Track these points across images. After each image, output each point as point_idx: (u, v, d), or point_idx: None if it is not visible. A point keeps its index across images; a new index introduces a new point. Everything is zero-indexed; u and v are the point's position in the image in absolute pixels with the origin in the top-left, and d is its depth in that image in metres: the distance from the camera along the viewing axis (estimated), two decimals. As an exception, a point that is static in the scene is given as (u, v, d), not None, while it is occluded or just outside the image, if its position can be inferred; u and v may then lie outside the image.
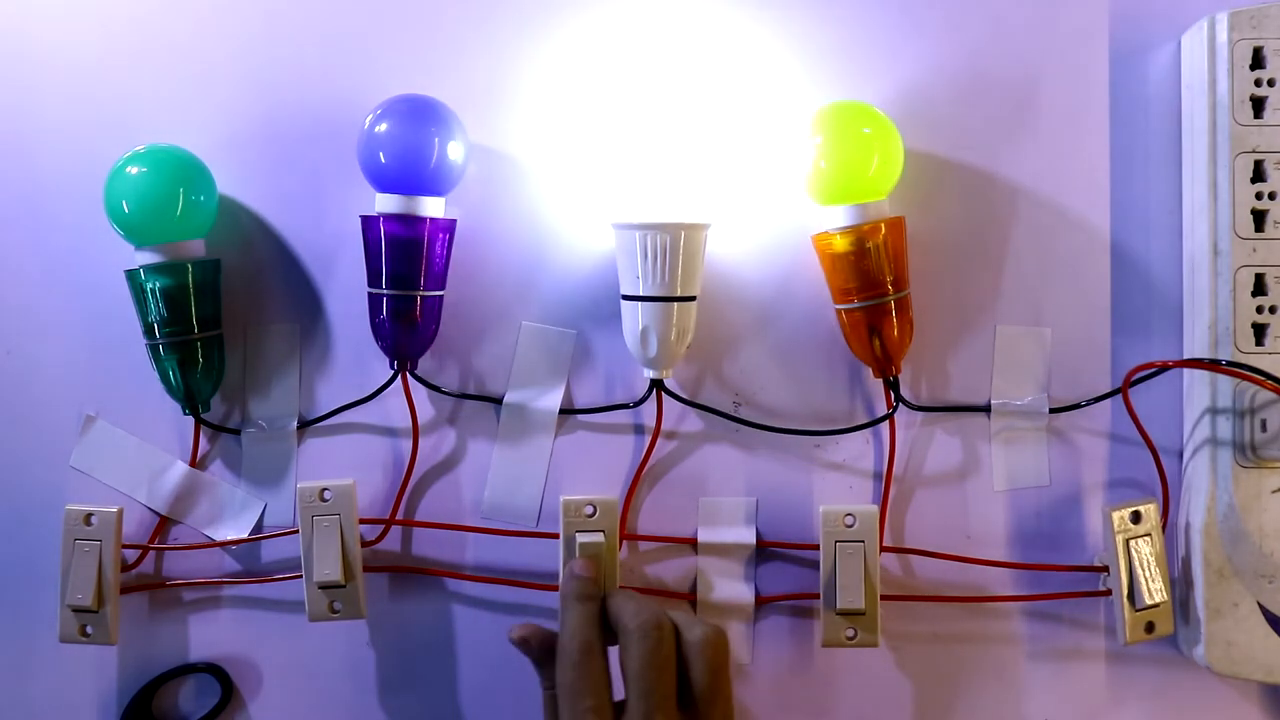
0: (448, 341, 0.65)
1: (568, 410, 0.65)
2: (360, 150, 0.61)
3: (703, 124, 0.62)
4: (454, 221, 0.63)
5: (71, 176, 0.65)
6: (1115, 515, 0.61)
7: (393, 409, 0.65)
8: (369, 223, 0.61)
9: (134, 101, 0.65)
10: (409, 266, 0.61)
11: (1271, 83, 0.61)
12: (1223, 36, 0.61)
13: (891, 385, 0.63)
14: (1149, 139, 0.65)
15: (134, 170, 0.61)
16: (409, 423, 0.64)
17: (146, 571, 0.65)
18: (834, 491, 0.65)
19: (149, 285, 0.61)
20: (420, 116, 0.61)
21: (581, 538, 0.61)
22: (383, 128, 0.61)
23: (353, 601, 0.62)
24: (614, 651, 0.57)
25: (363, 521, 0.63)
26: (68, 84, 0.65)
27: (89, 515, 0.62)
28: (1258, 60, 0.61)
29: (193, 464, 0.65)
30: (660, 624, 0.55)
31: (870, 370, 0.63)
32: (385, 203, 0.61)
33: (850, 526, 0.62)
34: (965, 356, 0.65)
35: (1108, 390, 0.64)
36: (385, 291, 0.61)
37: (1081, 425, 0.65)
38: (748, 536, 0.64)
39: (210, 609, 0.65)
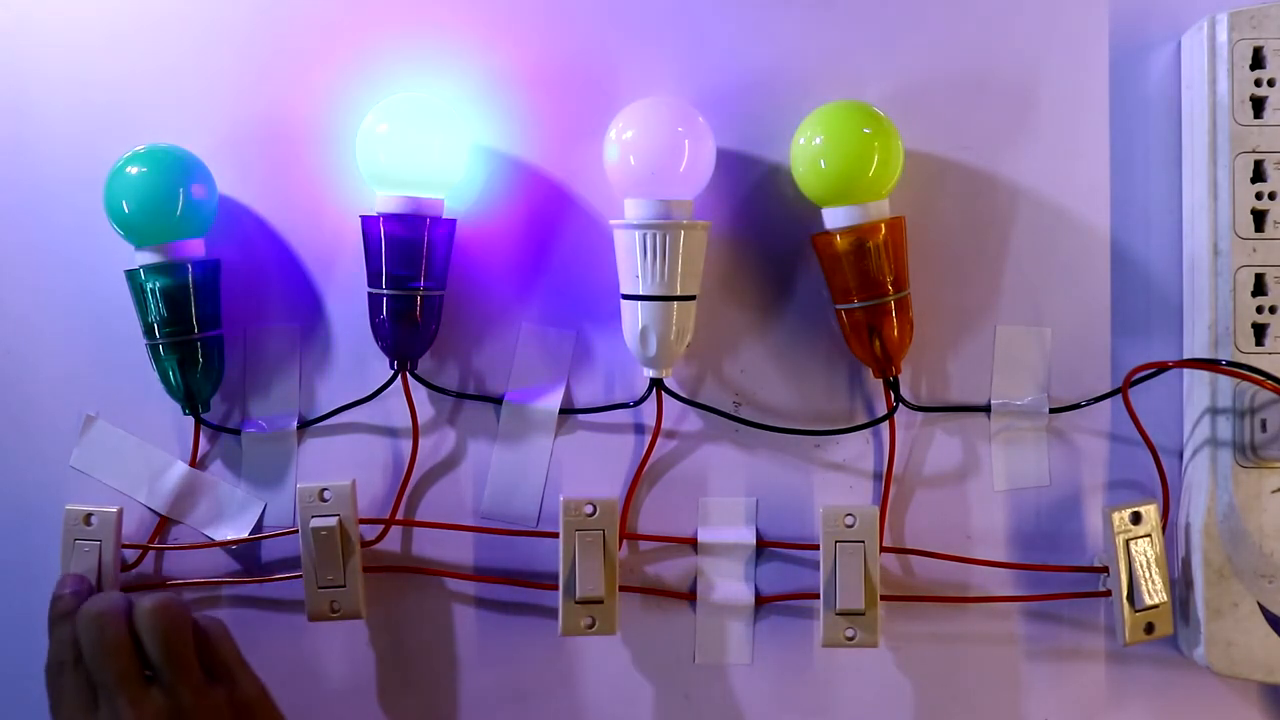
0: (448, 341, 0.65)
1: (568, 410, 0.65)
2: (360, 150, 0.61)
3: (703, 124, 0.61)
4: (454, 221, 0.63)
5: (71, 176, 0.65)
6: (1115, 516, 0.61)
7: (393, 409, 0.65)
8: (369, 223, 0.61)
9: (134, 101, 0.65)
10: (409, 266, 0.61)
11: (1271, 83, 0.61)
12: (1223, 36, 0.61)
13: (891, 385, 0.63)
14: (1149, 139, 0.65)
15: (134, 170, 0.61)
16: (409, 423, 0.64)
17: (146, 571, 0.65)
18: (834, 491, 0.65)
19: (149, 285, 0.61)
20: (420, 116, 0.61)
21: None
22: (382, 128, 0.61)
23: (352, 601, 0.62)
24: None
25: (362, 521, 0.63)
26: (68, 84, 0.65)
27: (89, 515, 0.62)
28: (1258, 60, 0.61)
29: (193, 464, 0.65)
30: (100, 612, 0.56)
31: (870, 370, 0.63)
32: (385, 202, 0.61)
33: (850, 526, 0.62)
34: (965, 356, 0.65)
35: (1108, 390, 0.64)
36: (385, 291, 0.61)
37: (1081, 425, 0.65)
38: (748, 536, 0.64)
39: (210, 609, 0.65)
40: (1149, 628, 0.61)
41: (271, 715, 0.59)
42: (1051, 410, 0.64)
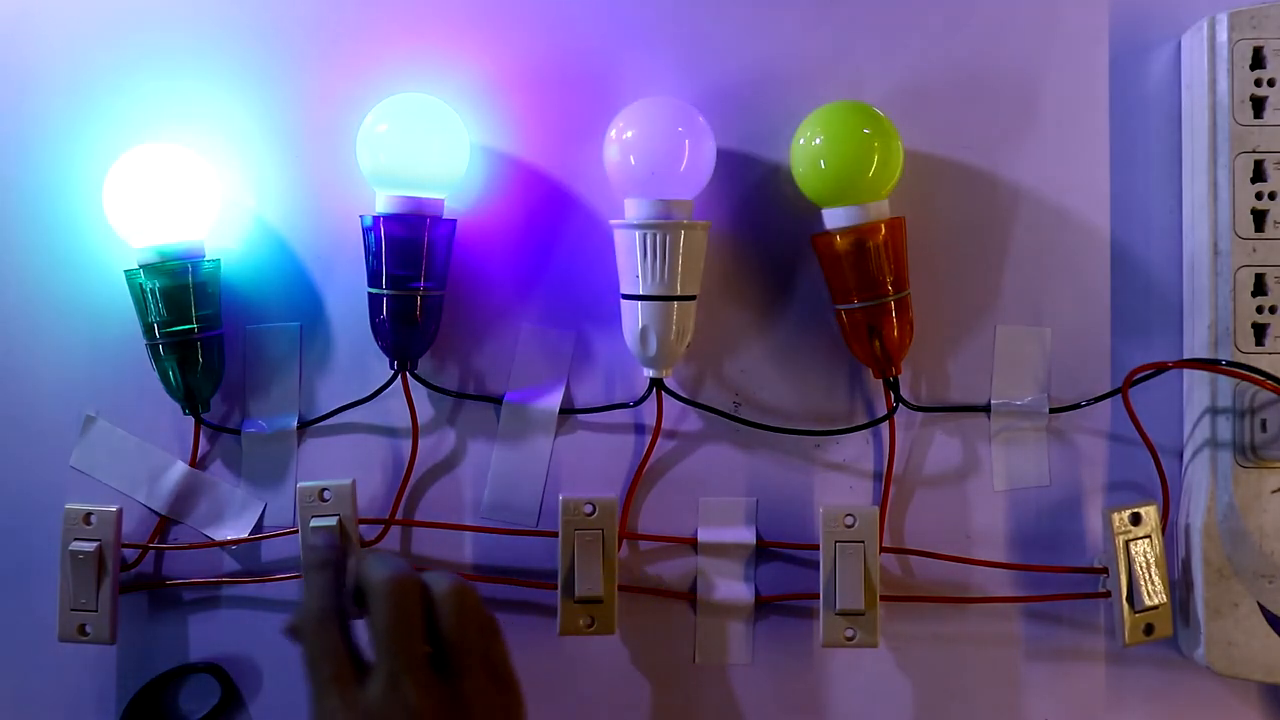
0: (448, 341, 0.65)
1: (568, 410, 0.65)
2: (361, 150, 0.61)
3: (703, 124, 0.61)
4: (454, 221, 0.63)
5: (71, 176, 0.65)
6: (1115, 517, 0.61)
7: (393, 409, 0.65)
8: (369, 223, 0.61)
9: (134, 101, 0.65)
10: (409, 266, 0.61)
11: (1271, 83, 0.61)
12: (1223, 36, 0.61)
13: (891, 386, 0.63)
14: (1149, 139, 0.65)
15: (135, 169, 0.61)
16: (409, 423, 0.64)
17: (146, 571, 0.65)
18: (834, 491, 0.65)
19: (148, 285, 0.61)
20: (421, 116, 0.61)
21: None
22: (384, 128, 0.61)
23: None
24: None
25: (362, 521, 0.63)
26: (68, 84, 0.65)
27: (89, 515, 0.62)
28: (1258, 60, 0.61)
29: (193, 464, 0.65)
30: (402, 582, 0.53)
31: (870, 370, 0.63)
32: (385, 202, 0.61)
33: (850, 526, 0.62)
34: (965, 356, 0.65)
35: (1108, 390, 0.64)
36: (385, 291, 0.61)
37: (1081, 425, 0.65)
38: (748, 536, 0.64)
39: (210, 609, 0.65)
40: (1149, 629, 0.61)
41: None
42: (1051, 410, 0.64)
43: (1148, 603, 0.61)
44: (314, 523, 0.61)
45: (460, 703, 0.53)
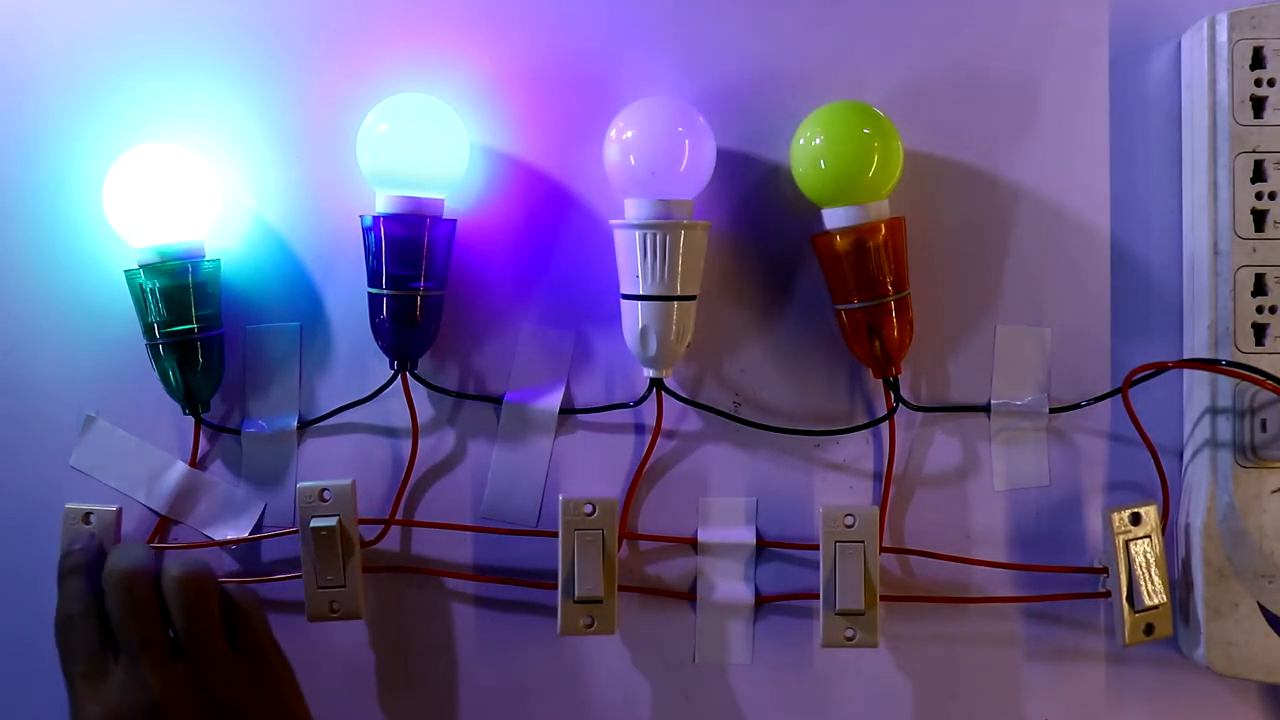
0: (448, 341, 0.65)
1: (568, 410, 0.65)
2: (361, 150, 0.61)
3: (703, 124, 0.61)
4: (454, 221, 0.63)
5: (71, 176, 0.65)
6: (1115, 517, 0.61)
7: (393, 409, 0.65)
8: (369, 223, 0.61)
9: (134, 101, 0.65)
10: (409, 266, 0.61)
11: (1271, 83, 0.61)
12: (1223, 36, 0.61)
13: (891, 386, 0.63)
14: (1149, 139, 0.65)
15: (135, 170, 0.61)
16: (409, 423, 0.64)
17: (146, 571, 0.65)
18: (834, 491, 0.65)
19: (148, 285, 0.61)
20: (421, 116, 0.61)
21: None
22: (384, 128, 0.61)
23: (352, 601, 0.62)
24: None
25: (362, 521, 0.63)
26: (68, 83, 0.65)
27: (88, 514, 0.62)
28: (1258, 60, 0.61)
29: (193, 464, 0.65)
30: (128, 572, 0.56)
31: (870, 370, 0.63)
32: (385, 202, 0.61)
33: (850, 526, 0.62)
34: (965, 356, 0.65)
35: (1108, 390, 0.64)
36: (385, 291, 0.61)
37: (1081, 425, 0.65)
38: (748, 536, 0.64)
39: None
40: (1149, 628, 0.61)
41: (294, 694, 0.59)
42: (1051, 410, 0.64)
43: (1148, 603, 0.61)
44: (314, 523, 0.61)
45: (201, 683, 0.56)
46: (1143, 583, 0.61)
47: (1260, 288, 0.61)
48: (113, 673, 0.56)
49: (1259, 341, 0.61)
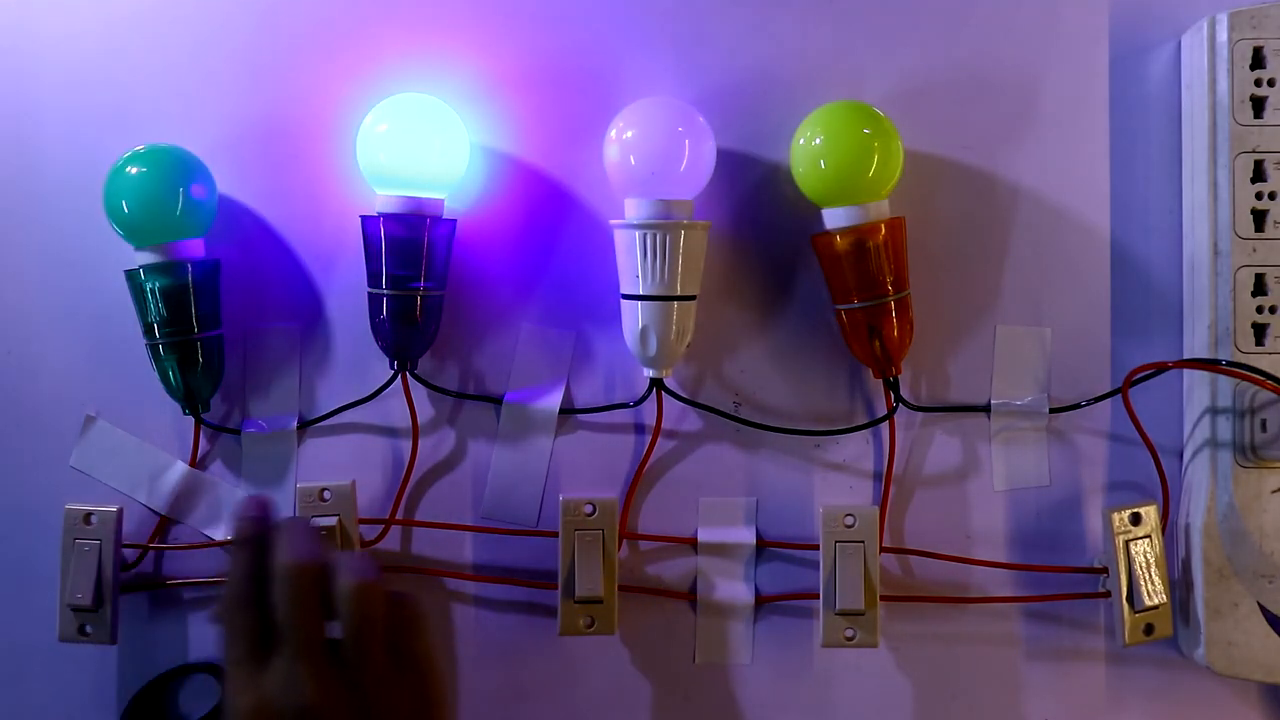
0: (448, 341, 0.65)
1: (568, 410, 0.65)
2: (360, 150, 0.61)
3: (703, 124, 0.61)
4: (454, 221, 0.63)
5: (71, 176, 0.65)
6: (1115, 517, 0.61)
7: (393, 409, 0.65)
8: (369, 223, 0.61)
9: (134, 101, 0.65)
10: (409, 266, 0.61)
11: (1271, 83, 0.61)
12: (1223, 36, 0.61)
13: (891, 386, 0.63)
14: (1149, 139, 0.65)
15: (134, 170, 0.61)
16: (409, 423, 0.64)
17: (146, 571, 0.65)
18: (834, 491, 0.65)
19: (149, 285, 0.61)
20: (420, 116, 0.61)
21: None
22: (382, 128, 0.61)
23: (352, 601, 0.62)
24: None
25: (362, 521, 0.63)
26: (68, 83, 0.65)
27: (89, 515, 0.62)
28: (1258, 60, 0.61)
29: (193, 464, 0.65)
30: (300, 568, 0.53)
31: (870, 370, 0.63)
32: (385, 202, 0.61)
33: (850, 526, 0.62)
34: (965, 356, 0.65)
35: (1108, 390, 0.64)
36: (385, 291, 0.61)
37: (1081, 425, 0.65)
38: (748, 536, 0.64)
39: (210, 608, 0.65)
40: (1149, 628, 0.61)
41: (444, 712, 0.55)
42: (1051, 410, 0.64)
43: (1148, 603, 0.61)
44: (314, 523, 0.61)
45: (358, 692, 0.53)
46: (1143, 583, 0.61)
47: (1260, 288, 0.61)
48: (270, 665, 0.52)
49: (1259, 341, 0.61)
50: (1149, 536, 0.61)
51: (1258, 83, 0.61)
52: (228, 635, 0.53)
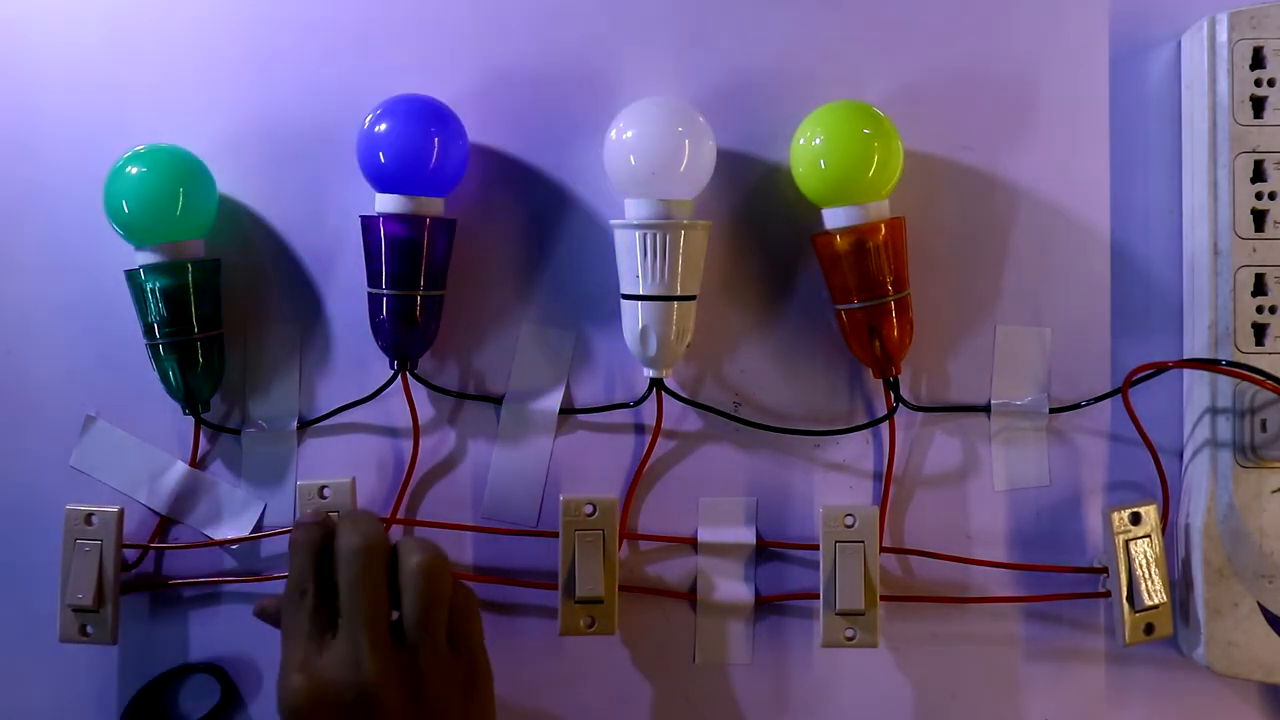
0: (448, 341, 0.65)
1: (568, 410, 0.65)
2: (360, 150, 0.61)
3: (703, 124, 0.61)
4: (454, 221, 0.63)
5: (71, 176, 0.65)
6: (1115, 516, 0.61)
7: (393, 409, 0.65)
8: (369, 223, 0.61)
9: (134, 101, 0.65)
10: (409, 266, 0.61)
11: (1271, 83, 0.61)
12: (1223, 36, 0.61)
13: (891, 386, 0.63)
14: (1149, 139, 0.65)
15: (134, 170, 0.61)
16: (409, 423, 0.64)
17: (146, 571, 0.65)
18: (834, 491, 0.65)
19: (149, 285, 0.61)
20: (420, 116, 0.61)
21: None
22: (383, 128, 0.61)
23: (353, 601, 0.62)
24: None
25: (363, 521, 0.63)
26: (68, 84, 0.65)
27: (89, 515, 0.62)
28: (1258, 60, 0.61)
29: (193, 464, 0.65)
30: (367, 547, 0.54)
31: (870, 370, 0.63)
32: (385, 203, 0.61)
33: (850, 526, 0.62)
34: (965, 356, 0.65)
35: (1108, 390, 0.64)
36: (385, 291, 0.61)
37: (1081, 425, 0.65)
38: (748, 536, 0.64)
39: (210, 608, 0.65)
40: (1149, 628, 0.62)
41: (492, 704, 0.56)
42: (1051, 410, 0.64)
43: (1148, 602, 0.61)
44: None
45: (416, 674, 0.53)
46: (1143, 582, 0.61)
47: (1260, 288, 0.61)
48: (329, 646, 0.53)
49: (1259, 341, 0.61)
50: (1149, 536, 0.62)
51: (1258, 83, 0.61)
52: (290, 628, 0.54)
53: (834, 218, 0.61)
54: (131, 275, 0.62)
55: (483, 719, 0.56)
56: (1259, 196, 0.61)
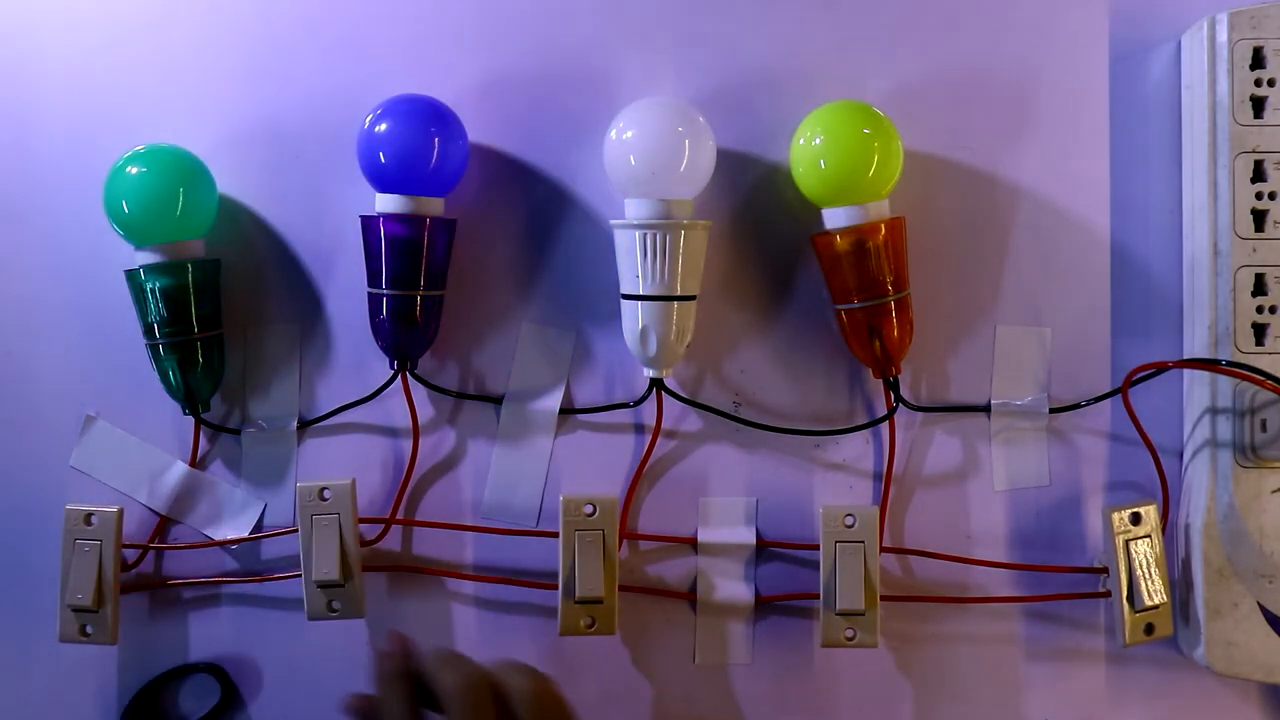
0: (448, 341, 0.65)
1: (568, 410, 0.65)
2: (360, 150, 0.61)
3: (703, 124, 0.61)
4: (454, 221, 0.63)
5: (71, 176, 0.65)
6: (1115, 516, 0.61)
7: (393, 409, 0.65)
8: (369, 223, 0.61)
9: (134, 101, 0.65)
10: (409, 266, 0.61)
11: (1271, 83, 0.61)
12: (1223, 36, 0.61)
13: (891, 386, 0.63)
14: (1149, 139, 0.65)
15: (134, 170, 0.61)
16: (409, 423, 0.64)
17: (146, 571, 0.65)
18: (834, 491, 0.65)
19: (149, 285, 0.61)
20: (420, 116, 0.61)
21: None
22: (383, 128, 0.61)
23: (352, 600, 0.62)
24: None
25: (362, 521, 0.63)
26: (68, 84, 0.65)
27: (89, 515, 0.62)
28: (1258, 60, 0.61)
29: (193, 464, 0.65)
30: (475, 686, 0.53)
31: (870, 370, 0.63)
32: (385, 203, 0.61)
33: (850, 526, 0.62)
34: (965, 356, 0.65)
35: (1108, 390, 0.64)
36: (385, 291, 0.61)
37: (1081, 425, 0.65)
38: (748, 536, 0.64)
39: (210, 608, 0.65)
40: (1149, 628, 0.61)
41: None
42: (1051, 410, 0.64)
43: (1148, 602, 0.61)
44: (316, 520, 0.61)
45: None
46: (1143, 582, 0.61)
47: (1260, 288, 0.61)
48: None
49: (1259, 341, 0.61)
50: (1149, 536, 0.61)
51: (1258, 83, 0.61)
52: None
53: (834, 218, 0.61)
54: (131, 275, 0.62)
55: None
56: (1259, 196, 0.61)
